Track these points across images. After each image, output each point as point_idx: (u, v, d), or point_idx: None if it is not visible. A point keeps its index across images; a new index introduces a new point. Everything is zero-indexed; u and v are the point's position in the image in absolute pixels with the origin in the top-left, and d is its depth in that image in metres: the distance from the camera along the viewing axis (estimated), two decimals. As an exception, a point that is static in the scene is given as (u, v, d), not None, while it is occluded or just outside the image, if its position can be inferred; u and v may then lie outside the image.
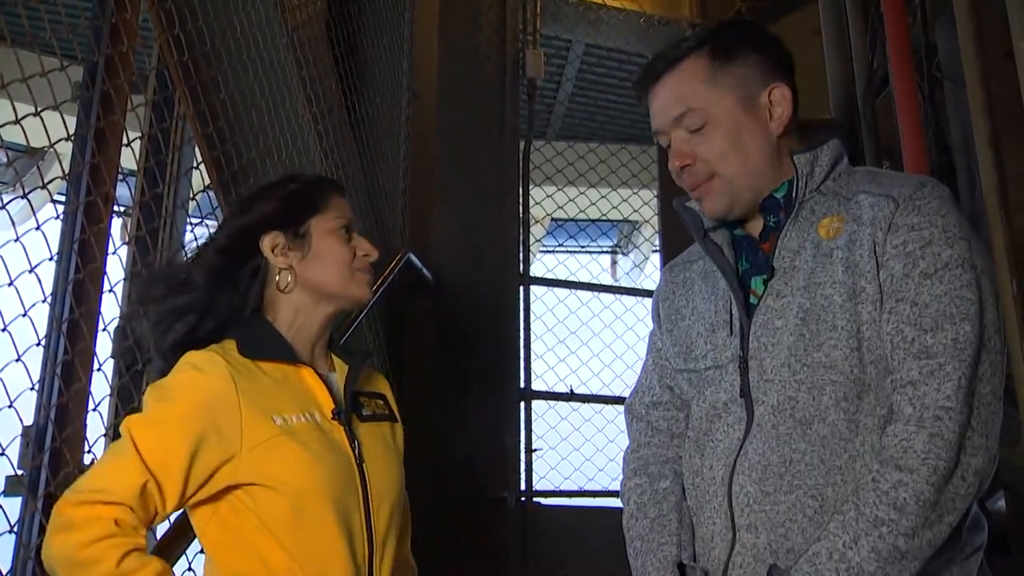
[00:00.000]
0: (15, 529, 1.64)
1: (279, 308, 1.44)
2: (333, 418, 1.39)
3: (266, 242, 1.43)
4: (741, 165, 1.29)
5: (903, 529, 1.12)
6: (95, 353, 1.81)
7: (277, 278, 1.44)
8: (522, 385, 3.74)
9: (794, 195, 1.30)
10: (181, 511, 1.38)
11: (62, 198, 1.92)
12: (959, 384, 1.15)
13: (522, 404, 3.73)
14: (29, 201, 1.75)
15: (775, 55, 1.34)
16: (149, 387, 1.36)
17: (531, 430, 3.74)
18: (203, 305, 1.40)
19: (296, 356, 1.42)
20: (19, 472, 1.70)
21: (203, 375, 1.33)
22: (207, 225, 1.58)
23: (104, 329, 1.82)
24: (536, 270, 4.54)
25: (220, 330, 1.41)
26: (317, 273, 1.43)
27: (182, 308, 1.40)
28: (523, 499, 3.60)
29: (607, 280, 6.56)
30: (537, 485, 3.72)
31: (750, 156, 1.29)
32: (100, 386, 1.85)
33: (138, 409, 1.36)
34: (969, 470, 1.15)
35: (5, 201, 1.64)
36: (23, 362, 1.63)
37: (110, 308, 1.85)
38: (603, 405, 4.24)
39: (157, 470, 1.27)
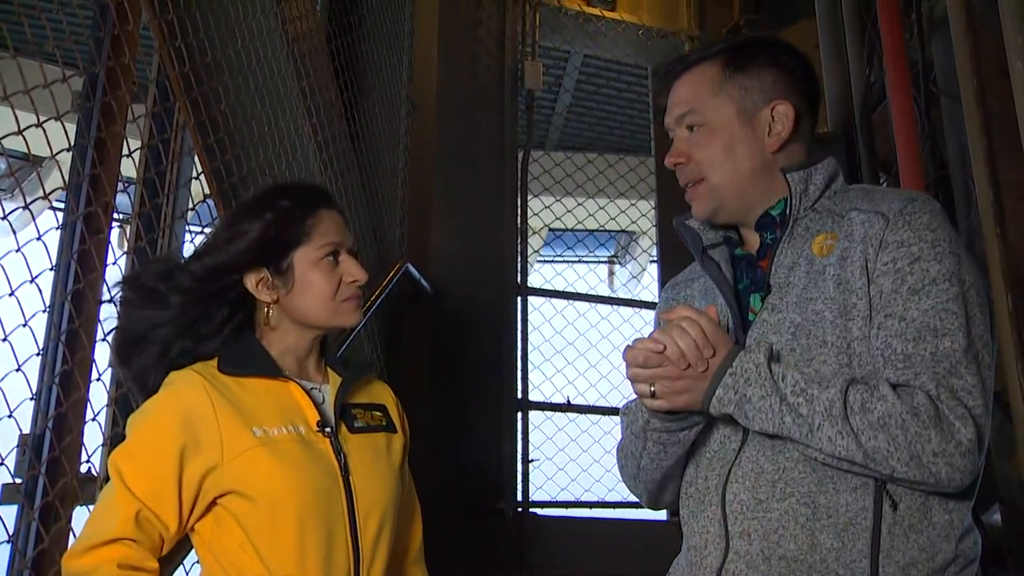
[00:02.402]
0: (12, 539, 1.64)
1: (267, 330, 1.46)
2: (318, 430, 1.39)
3: (251, 280, 1.43)
4: (729, 173, 1.32)
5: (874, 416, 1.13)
6: (94, 363, 1.81)
7: (265, 310, 1.45)
8: (519, 396, 3.74)
9: (788, 212, 1.32)
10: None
11: (62, 206, 1.93)
12: (927, 398, 1.15)
13: (519, 414, 3.73)
14: (30, 210, 1.76)
15: (794, 73, 1.36)
16: (132, 415, 1.38)
17: (528, 441, 3.74)
18: (174, 324, 1.40)
19: (280, 372, 1.42)
20: (16, 481, 1.70)
21: (176, 391, 1.35)
22: (206, 235, 1.56)
23: (103, 339, 1.82)
24: (534, 281, 4.54)
25: (198, 350, 1.42)
26: (301, 306, 1.43)
27: (153, 321, 1.39)
28: (520, 510, 3.60)
29: (605, 291, 6.56)
30: (534, 496, 3.72)
31: (739, 166, 1.32)
32: (99, 396, 1.86)
33: (123, 437, 1.38)
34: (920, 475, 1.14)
35: (7, 211, 1.65)
36: (22, 371, 1.63)
37: (109, 318, 1.85)
38: (600, 416, 4.24)
39: (148, 497, 1.29)
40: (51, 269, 1.75)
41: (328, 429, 1.40)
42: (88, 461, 1.80)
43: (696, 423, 1.26)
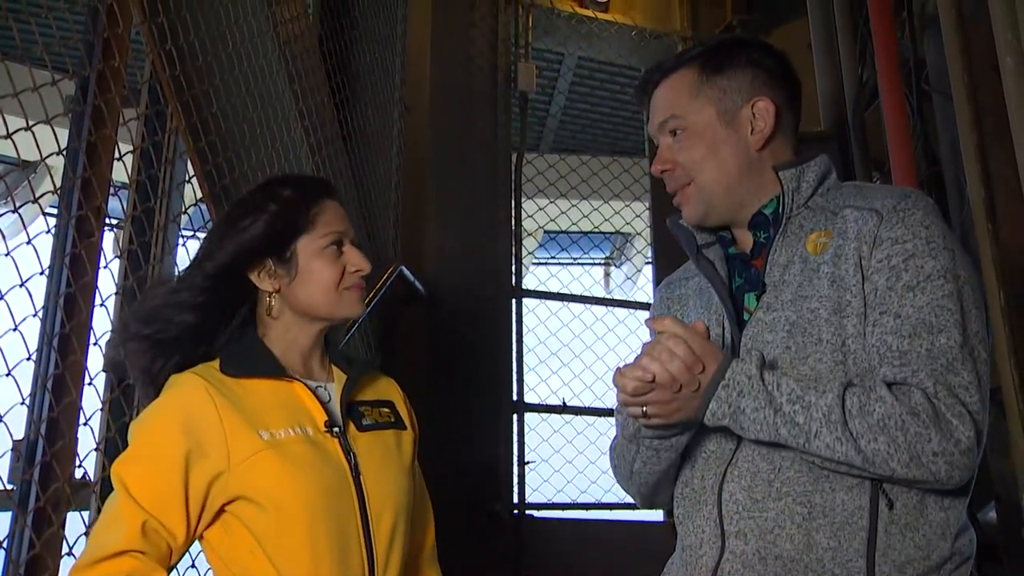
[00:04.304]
0: (4, 545, 1.63)
1: (270, 324, 1.43)
2: (326, 431, 1.36)
3: (253, 270, 1.41)
4: (715, 174, 1.33)
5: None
6: (86, 367, 1.80)
7: (268, 300, 1.42)
8: (515, 397, 3.74)
9: (781, 211, 1.32)
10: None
11: (53, 211, 1.92)
12: (924, 396, 1.15)
13: (515, 416, 3.72)
14: (20, 215, 1.75)
15: (771, 70, 1.36)
16: (132, 422, 1.35)
17: (524, 442, 3.74)
18: (194, 338, 1.38)
19: (284, 372, 1.39)
20: (9, 487, 1.70)
21: (177, 396, 1.33)
22: (199, 239, 1.54)
23: (95, 343, 1.82)
24: (529, 282, 4.54)
25: (209, 352, 1.40)
26: (304, 296, 1.40)
27: (172, 343, 1.37)
28: (516, 511, 3.60)
29: (600, 292, 6.57)
30: (530, 498, 3.72)
31: (724, 166, 1.33)
32: (91, 400, 1.85)
33: (121, 444, 1.36)
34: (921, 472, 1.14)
35: (-3, 215, 1.65)
36: (13, 376, 1.62)
37: (101, 322, 1.85)
38: (596, 417, 4.23)
39: (153, 506, 1.26)
40: (42, 273, 1.75)
41: (336, 429, 1.37)
42: (80, 466, 1.79)
43: (689, 429, 1.26)
